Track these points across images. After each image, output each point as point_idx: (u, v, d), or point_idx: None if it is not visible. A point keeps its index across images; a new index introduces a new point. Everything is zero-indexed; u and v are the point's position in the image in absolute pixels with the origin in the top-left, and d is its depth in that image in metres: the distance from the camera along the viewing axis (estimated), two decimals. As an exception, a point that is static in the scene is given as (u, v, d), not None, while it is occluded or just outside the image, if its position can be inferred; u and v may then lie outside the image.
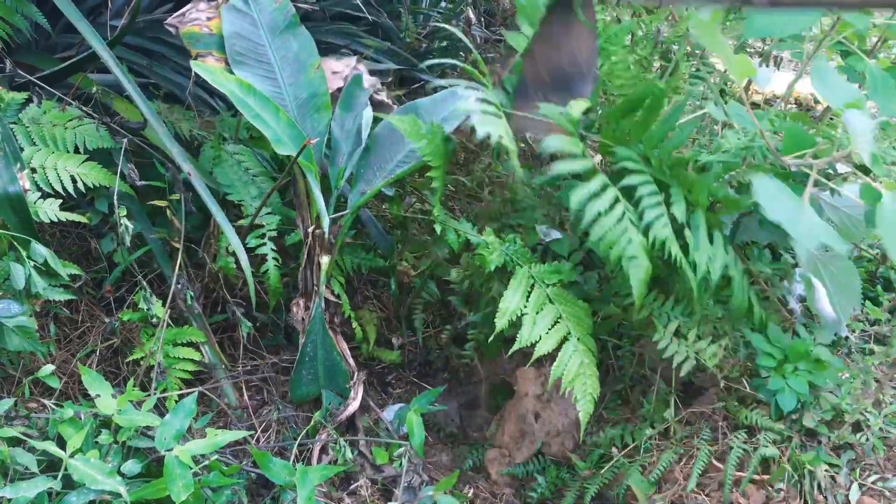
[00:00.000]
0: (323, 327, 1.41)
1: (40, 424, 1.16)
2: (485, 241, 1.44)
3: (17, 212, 1.22)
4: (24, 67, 1.54)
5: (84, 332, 1.49)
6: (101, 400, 1.14)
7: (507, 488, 1.47)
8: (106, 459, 1.10)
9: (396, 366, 1.78)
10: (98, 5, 1.84)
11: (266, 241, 1.51)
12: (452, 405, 1.71)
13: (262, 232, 1.52)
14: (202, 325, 1.52)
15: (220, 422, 1.46)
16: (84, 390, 1.35)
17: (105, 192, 1.48)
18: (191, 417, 1.15)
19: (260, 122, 1.35)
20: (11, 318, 1.17)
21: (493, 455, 1.51)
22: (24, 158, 1.30)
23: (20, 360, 1.33)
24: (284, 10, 1.54)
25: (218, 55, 1.47)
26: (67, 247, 1.57)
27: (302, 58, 1.53)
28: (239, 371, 1.58)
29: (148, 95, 1.50)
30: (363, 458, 1.44)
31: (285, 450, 1.40)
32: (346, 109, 1.56)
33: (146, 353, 1.40)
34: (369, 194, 1.44)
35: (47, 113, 1.43)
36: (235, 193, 1.56)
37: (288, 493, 1.23)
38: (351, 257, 1.66)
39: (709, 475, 1.38)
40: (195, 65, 1.37)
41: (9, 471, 1.03)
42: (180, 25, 1.48)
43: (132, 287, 1.53)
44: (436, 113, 1.53)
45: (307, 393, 1.46)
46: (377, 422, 1.55)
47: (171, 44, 1.83)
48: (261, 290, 1.66)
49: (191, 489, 1.05)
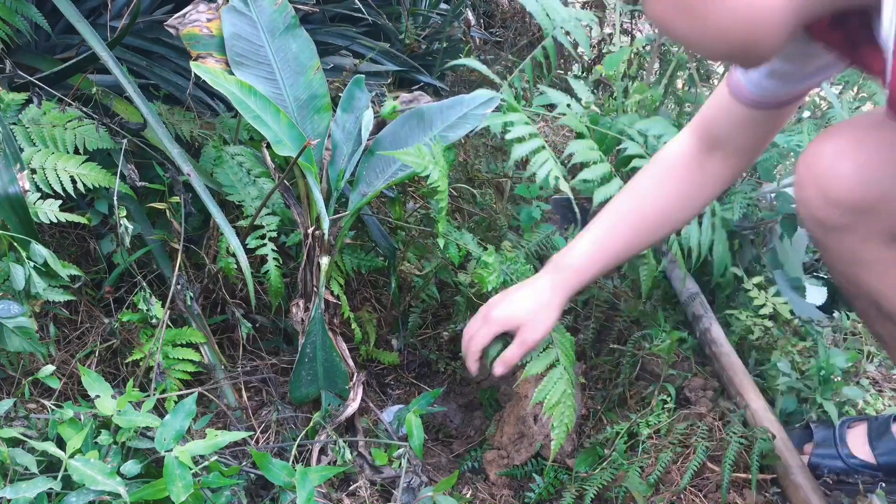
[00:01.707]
0: (322, 328, 1.41)
1: (40, 425, 1.16)
2: (484, 261, 1.42)
3: (17, 212, 1.22)
4: (24, 68, 1.54)
5: (83, 333, 1.49)
6: (101, 401, 1.14)
7: (506, 489, 1.47)
8: (105, 460, 1.10)
9: (395, 367, 1.78)
10: (98, 6, 1.85)
11: (266, 241, 1.51)
12: (451, 406, 1.71)
13: (262, 233, 1.52)
14: (202, 325, 1.52)
15: (219, 422, 1.46)
16: (84, 391, 1.35)
17: (105, 192, 1.48)
18: (190, 418, 1.15)
19: (260, 124, 1.36)
20: (11, 318, 1.17)
21: (492, 456, 1.51)
22: (24, 159, 1.30)
23: (20, 361, 1.33)
24: (284, 11, 1.54)
25: (218, 56, 1.47)
26: (67, 248, 1.57)
27: (302, 59, 1.53)
28: (238, 372, 1.59)
29: (148, 96, 1.50)
30: (362, 459, 1.44)
31: (285, 451, 1.40)
32: (347, 111, 1.56)
33: (146, 354, 1.40)
34: (370, 196, 1.44)
35: (47, 114, 1.44)
36: (236, 194, 1.56)
37: (287, 493, 1.23)
38: (351, 258, 1.66)
39: (706, 477, 1.38)
40: (195, 66, 1.37)
41: (8, 471, 1.03)
42: (180, 27, 1.48)
43: (132, 288, 1.53)
44: (443, 119, 1.53)
45: (306, 394, 1.46)
46: (376, 423, 1.55)
47: (171, 45, 1.83)
48: (261, 291, 1.67)
49: (190, 490, 1.05)
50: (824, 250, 1.17)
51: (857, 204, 1.04)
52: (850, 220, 1.06)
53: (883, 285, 1.11)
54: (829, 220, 1.08)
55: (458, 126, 1.53)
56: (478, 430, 1.65)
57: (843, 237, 1.09)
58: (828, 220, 1.09)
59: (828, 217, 1.08)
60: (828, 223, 1.09)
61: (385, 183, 1.49)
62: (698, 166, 1.26)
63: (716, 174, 1.25)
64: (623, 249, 1.30)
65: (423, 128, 1.55)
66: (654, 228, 1.29)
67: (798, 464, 1.34)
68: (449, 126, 1.53)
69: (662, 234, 1.32)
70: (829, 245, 1.14)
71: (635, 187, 1.29)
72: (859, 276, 1.13)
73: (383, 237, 1.71)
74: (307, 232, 1.44)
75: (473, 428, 1.66)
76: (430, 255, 1.81)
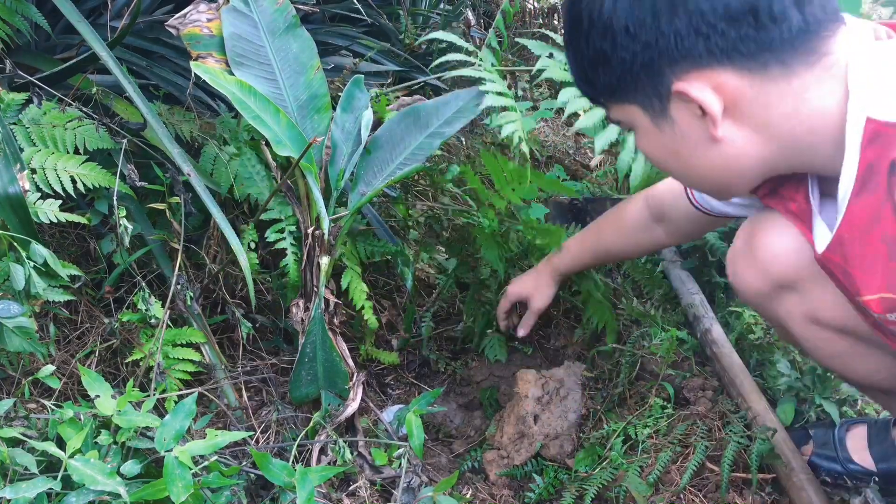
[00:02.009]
0: (322, 328, 1.41)
1: (40, 425, 1.16)
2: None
3: (17, 212, 1.22)
4: (24, 68, 1.54)
5: (83, 333, 1.49)
6: (101, 401, 1.14)
7: (506, 489, 1.47)
8: (105, 460, 1.10)
9: (395, 367, 1.78)
10: (98, 6, 1.85)
11: (286, 234, 1.51)
12: (451, 406, 1.71)
13: (281, 226, 1.52)
14: (202, 325, 1.52)
15: (219, 422, 1.46)
16: (83, 391, 1.35)
17: (105, 192, 1.48)
18: (190, 418, 1.15)
19: (260, 124, 1.36)
20: (11, 318, 1.17)
21: (492, 456, 1.51)
22: (24, 159, 1.30)
23: (20, 361, 1.33)
24: (285, 11, 1.54)
25: (218, 56, 1.47)
26: (67, 247, 1.57)
27: (302, 59, 1.53)
28: (238, 372, 1.59)
29: (148, 96, 1.50)
30: (362, 459, 1.44)
31: (285, 450, 1.40)
32: (347, 111, 1.56)
33: (146, 354, 1.40)
34: (370, 195, 1.44)
35: (47, 114, 1.44)
36: (254, 187, 1.56)
37: (287, 493, 1.23)
38: (364, 245, 1.66)
39: (706, 476, 1.38)
40: (195, 66, 1.37)
41: (8, 471, 1.03)
42: (181, 27, 1.48)
43: (132, 288, 1.53)
44: (438, 116, 1.54)
45: (306, 394, 1.46)
46: (376, 423, 1.55)
47: (171, 45, 1.83)
48: (262, 290, 1.67)
49: (190, 490, 1.05)
50: (766, 318, 1.28)
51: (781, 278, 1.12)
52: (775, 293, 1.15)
53: (820, 356, 1.21)
54: (761, 289, 1.16)
55: (454, 121, 1.54)
56: (478, 430, 1.65)
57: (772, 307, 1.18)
58: (761, 290, 1.16)
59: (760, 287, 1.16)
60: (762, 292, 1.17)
61: (384, 182, 1.49)
62: (644, 229, 1.50)
63: (656, 239, 1.51)
64: (592, 260, 1.64)
65: (419, 126, 1.56)
66: (613, 256, 1.68)
67: (800, 464, 1.34)
68: (445, 122, 1.54)
69: (622, 258, 1.80)
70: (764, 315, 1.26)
71: (601, 227, 1.60)
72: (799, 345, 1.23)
73: (387, 236, 1.71)
74: (307, 231, 1.45)
75: (473, 428, 1.66)
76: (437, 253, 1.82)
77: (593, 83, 0.98)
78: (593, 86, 0.98)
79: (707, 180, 1.02)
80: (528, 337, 1.72)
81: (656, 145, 0.99)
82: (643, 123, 0.98)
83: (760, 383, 1.54)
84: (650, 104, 0.94)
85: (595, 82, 0.97)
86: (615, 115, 1.01)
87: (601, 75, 0.94)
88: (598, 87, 0.97)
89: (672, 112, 0.93)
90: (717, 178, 1.00)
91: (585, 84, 1.00)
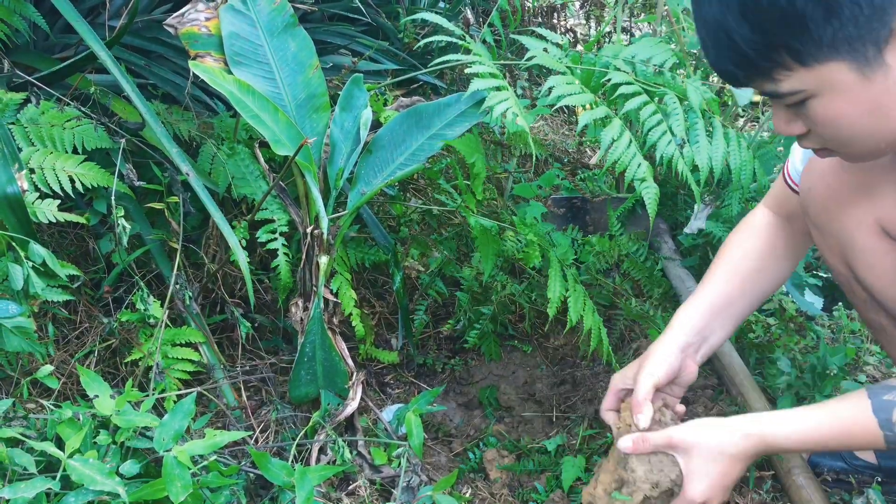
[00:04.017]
0: (322, 327, 1.41)
1: (39, 425, 1.16)
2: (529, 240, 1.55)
3: (16, 212, 1.22)
4: (22, 68, 1.54)
5: (82, 333, 1.49)
6: (100, 400, 1.14)
7: (506, 489, 1.47)
8: (104, 460, 1.10)
9: (395, 366, 1.78)
10: (96, 5, 1.84)
11: (277, 236, 1.51)
12: (451, 405, 1.71)
13: (273, 227, 1.51)
14: (201, 325, 1.52)
15: (218, 422, 1.46)
16: (82, 391, 1.35)
17: (103, 192, 1.48)
18: (189, 418, 1.15)
19: (258, 123, 1.35)
20: (10, 318, 1.17)
21: (492, 455, 1.51)
22: (23, 159, 1.30)
23: (18, 361, 1.33)
24: (283, 10, 1.54)
25: (216, 55, 1.47)
26: (66, 247, 1.57)
27: (301, 58, 1.53)
28: (237, 371, 1.58)
29: (146, 96, 1.50)
30: (362, 458, 1.44)
31: (284, 450, 1.40)
32: (346, 110, 1.56)
33: (144, 354, 1.40)
34: (369, 194, 1.44)
35: (45, 113, 1.43)
36: (246, 187, 1.56)
37: (286, 493, 1.23)
38: (355, 252, 1.66)
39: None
40: (193, 65, 1.37)
41: (7, 471, 1.03)
42: (179, 26, 1.48)
43: (130, 287, 1.53)
44: (440, 118, 1.54)
45: (306, 393, 1.46)
46: (376, 422, 1.55)
47: (169, 44, 1.83)
48: (261, 290, 1.66)
49: (189, 489, 1.04)
50: (825, 237, 1.18)
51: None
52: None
53: (872, 275, 1.12)
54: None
55: (457, 124, 1.54)
56: (477, 429, 1.65)
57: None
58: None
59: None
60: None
61: (384, 181, 1.49)
62: (781, 228, 1.31)
63: (798, 243, 1.31)
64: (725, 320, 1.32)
65: (420, 127, 1.55)
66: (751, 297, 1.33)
67: (800, 463, 1.34)
68: (447, 124, 1.53)
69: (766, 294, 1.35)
70: (827, 230, 1.16)
71: (722, 271, 1.35)
72: (853, 264, 1.14)
73: (382, 235, 1.70)
74: (306, 231, 1.44)
75: (473, 427, 1.66)
76: (432, 251, 1.81)
77: (786, 47, 0.86)
78: (781, 51, 0.86)
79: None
80: (527, 336, 1.68)
81: (856, 102, 0.89)
82: (845, 80, 0.88)
83: (760, 382, 1.54)
84: (864, 53, 0.86)
85: (790, 46, 0.85)
86: (800, 84, 0.89)
87: (816, 30, 0.83)
88: (794, 49, 0.85)
89: (888, 56, 0.86)
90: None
91: (766, 53, 0.87)
